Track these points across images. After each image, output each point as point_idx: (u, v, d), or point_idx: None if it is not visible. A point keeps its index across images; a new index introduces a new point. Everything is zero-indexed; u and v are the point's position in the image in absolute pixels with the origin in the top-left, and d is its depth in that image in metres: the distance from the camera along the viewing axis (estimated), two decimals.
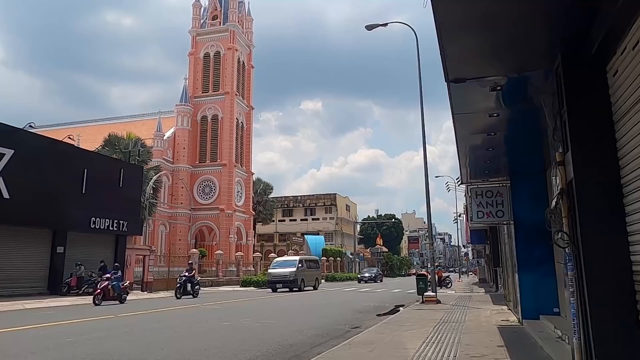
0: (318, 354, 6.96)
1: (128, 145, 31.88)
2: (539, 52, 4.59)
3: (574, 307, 4.48)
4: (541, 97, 5.35)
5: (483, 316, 11.85)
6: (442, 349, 7.14)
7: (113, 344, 8.15)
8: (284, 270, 26.82)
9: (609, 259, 4.03)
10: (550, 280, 8.92)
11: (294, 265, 27.16)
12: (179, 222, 45.35)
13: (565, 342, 6.43)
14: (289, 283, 26.21)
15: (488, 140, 7.36)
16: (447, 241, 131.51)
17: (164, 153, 43.95)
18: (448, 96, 5.49)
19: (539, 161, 8.61)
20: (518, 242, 9.80)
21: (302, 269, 27.67)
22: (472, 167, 9.70)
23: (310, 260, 31.67)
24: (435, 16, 3.82)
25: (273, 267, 28.48)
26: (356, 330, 9.83)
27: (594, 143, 4.21)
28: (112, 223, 23.76)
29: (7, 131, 19.39)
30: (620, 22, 3.58)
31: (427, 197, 17.65)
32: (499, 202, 10.33)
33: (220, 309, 15.40)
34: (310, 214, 73.36)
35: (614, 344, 3.94)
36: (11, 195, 18.64)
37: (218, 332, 9.84)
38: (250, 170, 52.33)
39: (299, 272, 26.89)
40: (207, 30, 50.92)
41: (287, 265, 27.45)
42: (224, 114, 48.23)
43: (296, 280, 26.34)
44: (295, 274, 26.35)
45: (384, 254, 77.17)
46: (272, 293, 25.06)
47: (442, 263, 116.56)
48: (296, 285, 26.33)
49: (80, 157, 23.82)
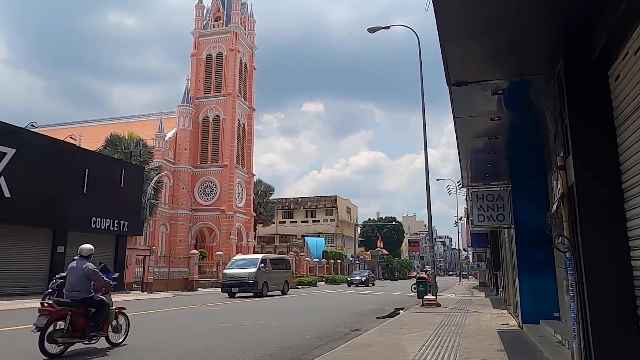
0: (317, 356, 6.95)
1: (129, 146, 31.91)
2: (540, 56, 4.59)
3: (574, 311, 4.47)
4: (543, 101, 5.35)
5: (483, 320, 11.83)
6: (442, 352, 7.12)
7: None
8: (242, 271, 22.58)
9: (609, 264, 4.02)
10: (550, 284, 8.90)
11: (255, 265, 23.08)
12: (180, 222, 45.36)
13: (565, 347, 6.41)
14: (247, 287, 22.08)
15: (489, 144, 7.36)
16: (448, 244, 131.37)
17: (165, 153, 43.98)
18: (449, 99, 5.49)
19: (540, 165, 8.60)
20: (518, 246, 9.79)
21: (264, 269, 23.53)
22: (473, 171, 9.70)
23: (278, 260, 27.30)
24: (437, 20, 3.83)
25: (230, 266, 24.24)
26: (356, 332, 9.81)
27: (595, 147, 4.20)
28: (112, 223, 23.77)
29: (9, 130, 19.42)
30: (622, 27, 3.58)
31: (428, 200, 17.67)
32: (499, 206, 10.32)
33: (219, 310, 15.39)
34: (311, 215, 73.34)
35: (614, 349, 3.92)
36: (12, 195, 18.67)
37: (217, 333, 9.83)
38: (251, 171, 52.34)
39: (260, 274, 22.90)
40: (210, 31, 51.00)
41: (246, 265, 23.35)
42: (225, 115, 48.28)
43: (256, 283, 22.28)
44: (255, 276, 22.36)
45: (385, 257, 77.08)
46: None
47: (442, 266, 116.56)
48: (256, 289, 22.30)
49: (81, 157, 23.83)
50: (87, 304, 7.29)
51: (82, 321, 7.13)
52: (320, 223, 71.64)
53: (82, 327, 7.11)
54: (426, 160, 17.45)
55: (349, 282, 40.82)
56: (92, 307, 7.33)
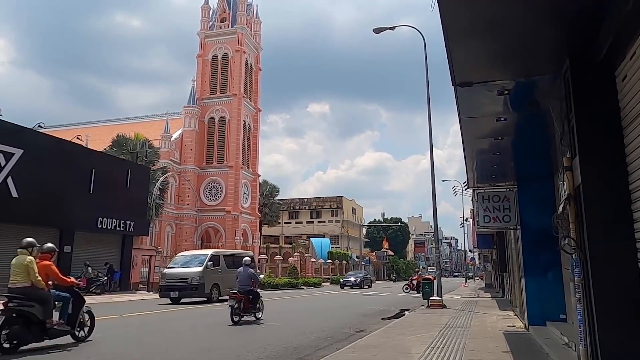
0: (322, 357, 6.94)
1: (136, 146, 32.09)
2: (546, 57, 4.56)
3: (581, 313, 4.45)
4: (549, 102, 5.32)
5: (489, 321, 11.77)
6: (447, 354, 7.10)
7: (117, 344, 8.19)
8: (184, 271, 17.94)
9: (616, 266, 3.99)
10: (556, 286, 8.85)
11: (201, 263, 18.31)
12: (185, 223, 45.50)
13: (572, 349, 6.37)
14: (190, 290, 17.47)
15: (495, 145, 7.33)
16: (454, 245, 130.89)
17: (171, 154, 44.13)
18: (455, 100, 5.47)
19: (546, 166, 8.55)
20: (525, 248, 9.74)
21: (214, 269, 18.60)
22: (479, 171, 9.67)
23: (234, 256, 20.61)
24: (443, 20, 3.82)
25: (171, 265, 19.62)
26: (361, 333, 9.80)
27: (602, 148, 4.17)
28: (118, 223, 23.91)
29: (16, 131, 19.61)
30: (629, 27, 3.55)
31: (434, 200, 17.58)
32: (505, 207, 10.28)
33: (224, 311, 15.40)
34: (316, 216, 73.37)
35: (620, 351, 3.89)
36: (20, 195, 18.83)
37: (222, 333, 9.86)
38: (256, 172, 52.42)
39: (208, 274, 18.13)
40: (216, 32, 51.16)
41: (190, 263, 18.60)
42: (231, 116, 48.39)
43: (202, 286, 17.66)
44: (201, 277, 17.73)
45: (390, 258, 76.96)
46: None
47: (448, 267, 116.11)
48: (202, 293, 17.74)
49: (88, 157, 24.01)
50: (249, 294, 11.72)
51: (247, 303, 11.59)
52: (326, 224, 71.65)
53: (246, 307, 11.59)
54: (432, 161, 17.41)
55: (342, 283, 37.06)
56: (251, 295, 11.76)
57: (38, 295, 7.22)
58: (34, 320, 7.07)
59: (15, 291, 7.12)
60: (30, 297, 7.14)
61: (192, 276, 17.65)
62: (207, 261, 18.47)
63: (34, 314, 7.08)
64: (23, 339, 7.01)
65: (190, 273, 17.76)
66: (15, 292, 7.12)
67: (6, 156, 18.52)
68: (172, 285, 17.78)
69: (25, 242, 7.48)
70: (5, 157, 18.48)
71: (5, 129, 19.21)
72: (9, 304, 7.00)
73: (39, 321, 7.13)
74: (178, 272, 18.07)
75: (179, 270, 18.22)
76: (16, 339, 6.92)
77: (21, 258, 7.26)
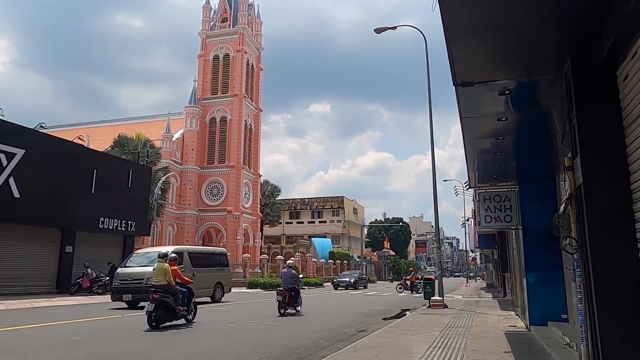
0: (323, 357, 6.95)
1: (137, 146, 32.15)
2: (548, 56, 4.56)
3: (582, 313, 4.44)
4: (550, 102, 5.31)
5: (490, 321, 11.76)
6: (448, 354, 7.09)
7: (119, 344, 8.20)
8: (140, 271, 15.10)
9: (617, 266, 3.99)
10: (558, 286, 8.84)
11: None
12: (187, 223, 45.54)
13: (573, 349, 6.36)
14: (144, 293, 13.27)
15: (496, 145, 7.32)
16: (455, 245, 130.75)
17: (172, 154, 44.18)
18: (456, 100, 5.47)
19: (547, 166, 8.54)
20: (526, 248, 9.73)
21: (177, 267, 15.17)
22: (480, 171, 9.65)
23: (204, 254, 18.94)
24: (443, 20, 3.81)
25: (126, 264, 16.72)
26: (362, 334, 9.79)
27: (603, 148, 4.16)
28: (120, 223, 23.94)
29: (18, 131, 19.65)
30: (631, 26, 3.54)
31: (435, 200, 17.58)
32: (507, 207, 10.26)
33: (225, 310, 15.42)
34: (318, 216, 73.35)
35: (622, 351, 3.89)
36: (22, 195, 18.87)
37: (223, 333, 9.86)
38: (258, 172, 52.44)
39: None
40: (217, 32, 51.18)
41: (148, 262, 15.13)
42: (232, 116, 48.42)
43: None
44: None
45: (391, 258, 76.92)
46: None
47: (449, 267, 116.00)
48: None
49: (89, 157, 24.05)
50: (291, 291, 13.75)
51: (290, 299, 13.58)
52: (327, 224, 71.64)
53: (289, 301, 13.56)
54: (433, 161, 17.39)
55: (335, 284, 35.21)
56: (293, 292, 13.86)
57: (172, 290, 10.38)
58: (169, 307, 10.20)
59: (157, 287, 10.24)
60: (167, 291, 10.25)
61: (148, 276, 13.35)
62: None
63: (169, 302, 10.21)
64: (164, 319, 10.12)
65: (146, 273, 14.08)
66: (158, 287, 10.22)
67: (8, 156, 18.57)
68: (124, 286, 15.11)
69: (162, 253, 11.45)
70: (7, 157, 18.52)
71: (7, 129, 19.25)
72: (155, 296, 9.99)
73: (172, 307, 10.26)
74: (132, 272, 15.45)
75: (133, 270, 15.54)
76: (161, 319, 10.04)
77: (161, 264, 10.55)
